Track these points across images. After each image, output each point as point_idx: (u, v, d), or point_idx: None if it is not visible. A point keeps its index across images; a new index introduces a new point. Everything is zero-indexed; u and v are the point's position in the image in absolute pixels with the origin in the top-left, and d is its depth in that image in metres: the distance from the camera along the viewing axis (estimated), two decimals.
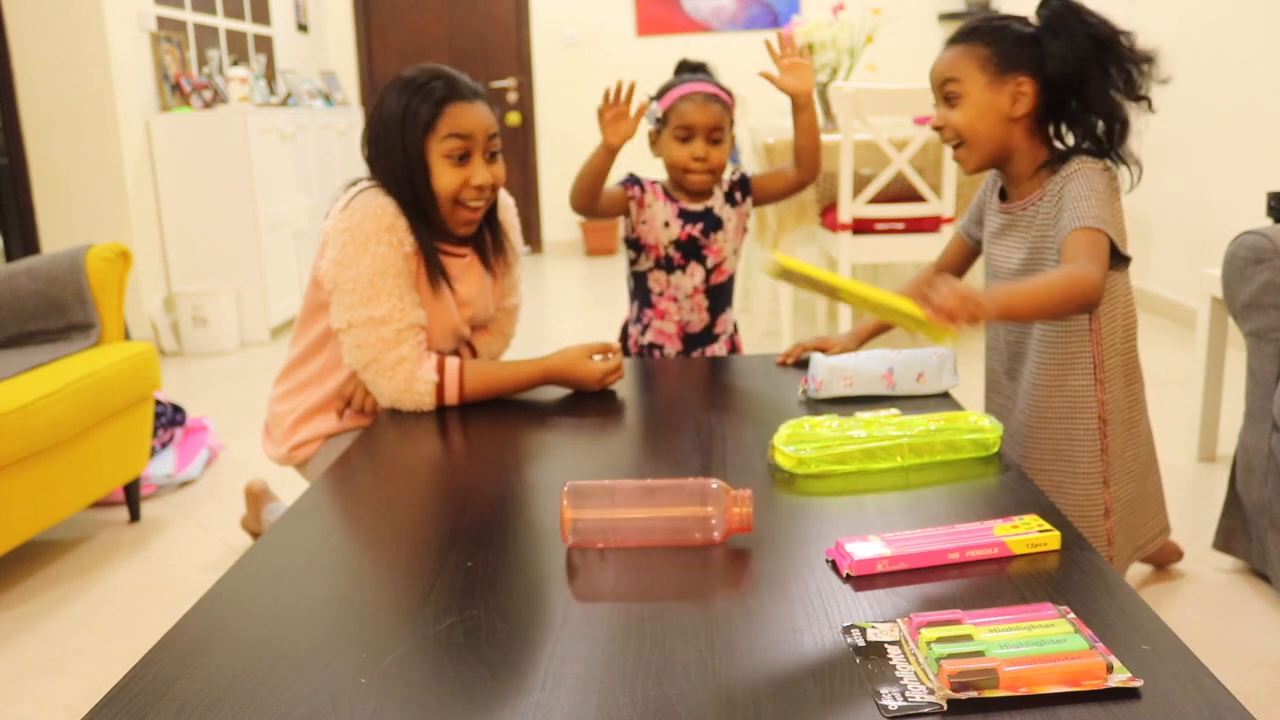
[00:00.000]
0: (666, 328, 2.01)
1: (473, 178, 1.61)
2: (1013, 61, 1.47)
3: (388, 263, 1.58)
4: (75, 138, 3.94)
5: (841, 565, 0.95)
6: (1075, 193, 1.43)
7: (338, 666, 0.81)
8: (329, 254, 1.61)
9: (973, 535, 0.98)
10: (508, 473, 1.30)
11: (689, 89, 1.89)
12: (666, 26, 6.35)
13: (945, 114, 1.52)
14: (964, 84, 1.49)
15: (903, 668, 0.77)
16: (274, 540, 1.09)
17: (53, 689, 1.72)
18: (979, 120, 1.49)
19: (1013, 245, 1.56)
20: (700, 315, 2.01)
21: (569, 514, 1.01)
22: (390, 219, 1.59)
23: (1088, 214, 1.40)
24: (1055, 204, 1.47)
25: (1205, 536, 2.07)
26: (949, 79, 1.50)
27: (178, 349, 4.23)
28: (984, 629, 0.79)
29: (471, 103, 1.61)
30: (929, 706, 0.72)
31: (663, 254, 1.96)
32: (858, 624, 0.84)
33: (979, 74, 1.48)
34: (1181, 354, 3.51)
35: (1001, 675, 0.73)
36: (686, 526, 1.01)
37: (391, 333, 1.57)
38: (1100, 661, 0.74)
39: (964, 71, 1.49)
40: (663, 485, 1.04)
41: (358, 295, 1.57)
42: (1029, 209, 1.53)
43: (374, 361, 1.58)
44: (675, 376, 1.75)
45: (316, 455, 1.78)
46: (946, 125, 1.52)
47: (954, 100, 1.50)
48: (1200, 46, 3.87)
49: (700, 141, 1.89)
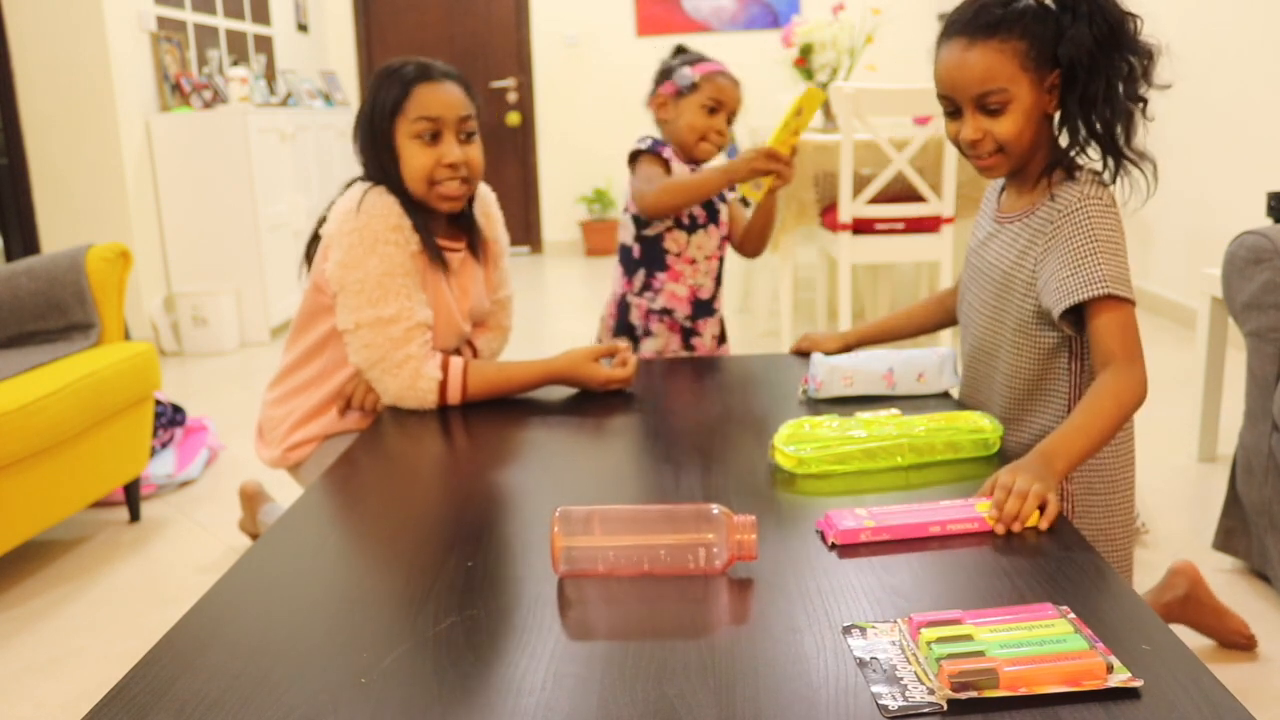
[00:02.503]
0: (679, 290, 2.04)
1: (444, 156, 1.61)
2: (1048, 50, 1.23)
3: (395, 262, 1.58)
4: (75, 138, 3.94)
5: (828, 535, 1.02)
6: (1075, 247, 1.23)
7: (338, 666, 0.81)
8: (334, 256, 1.60)
9: (954, 510, 1.04)
10: (508, 472, 1.30)
11: (721, 67, 2.01)
12: (666, 26, 6.35)
13: (986, 124, 1.27)
14: (1011, 89, 1.24)
15: (903, 668, 0.77)
16: (274, 540, 1.09)
17: (53, 689, 1.72)
18: (1028, 126, 1.26)
19: (993, 258, 1.39)
20: (710, 282, 2.07)
21: (560, 542, 0.94)
22: (396, 218, 1.59)
23: (1100, 276, 1.21)
24: (1048, 236, 1.28)
25: (1205, 536, 2.07)
26: (993, 90, 1.24)
27: (178, 349, 4.23)
28: (984, 629, 0.79)
29: (440, 83, 1.62)
30: (929, 706, 0.72)
31: (686, 212, 2.01)
32: (858, 624, 0.84)
33: (1022, 74, 1.24)
34: (1181, 354, 3.51)
35: (1002, 675, 0.73)
36: (686, 555, 0.94)
37: (400, 331, 1.58)
38: (1100, 661, 0.74)
39: (1007, 75, 1.24)
40: (660, 510, 0.98)
41: (365, 296, 1.58)
42: (1016, 223, 1.34)
43: (381, 360, 1.58)
44: (675, 376, 1.75)
45: (311, 458, 1.78)
46: (985, 138, 1.28)
47: (1000, 110, 1.25)
48: (1200, 46, 3.87)
49: (723, 117, 2.00)
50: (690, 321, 2.05)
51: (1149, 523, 2.18)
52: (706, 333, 2.07)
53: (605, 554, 0.95)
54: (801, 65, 3.93)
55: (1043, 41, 1.23)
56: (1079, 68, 1.22)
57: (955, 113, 1.31)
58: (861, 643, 0.81)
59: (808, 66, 3.92)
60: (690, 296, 2.04)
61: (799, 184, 3.41)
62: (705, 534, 0.94)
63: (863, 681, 0.76)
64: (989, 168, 1.32)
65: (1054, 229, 1.27)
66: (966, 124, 1.29)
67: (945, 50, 1.29)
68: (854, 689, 0.75)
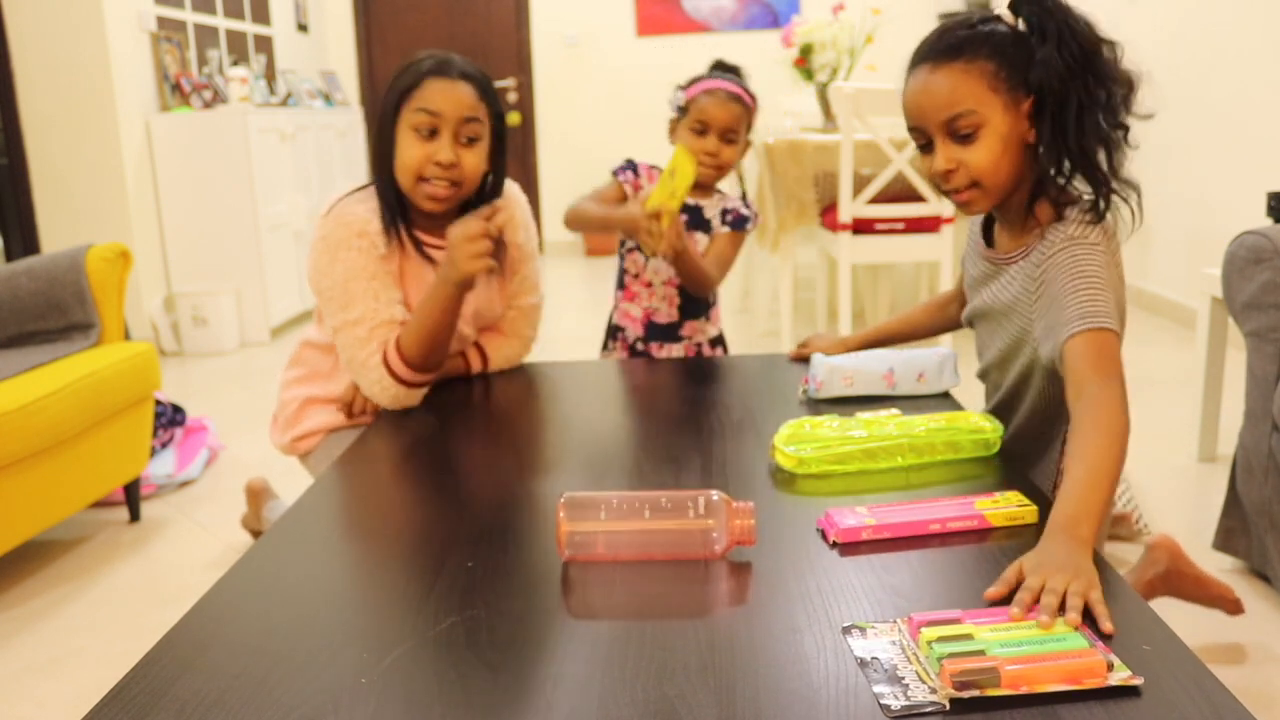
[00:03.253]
0: (633, 310, 2.03)
1: (436, 154, 1.57)
2: (1019, 74, 1.18)
3: (359, 266, 1.57)
4: (75, 138, 3.94)
5: (829, 533, 1.02)
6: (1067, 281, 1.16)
7: (338, 666, 0.81)
8: (308, 263, 1.62)
9: (954, 507, 1.04)
10: (508, 472, 1.30)
11: (714, 85, 1.93)
12: (666, 26, 6.35)
13: (958, 153, 1.20)
14: (981, 112, 1.18)
15: (904, 667, 0.77)
16: (274, 540, 1.09)
17: (53, 689, 1.72)
18: (1005, 154, 1.20)
19: (992, 298, 1.33)
20: (669, 309, 2.02)
21: (565, 526, 0.97)
22: (360, 225, 1.58)
23: (1086, 311, 1.13)
24: (1038, 282, 1.22)
25: (1205, 536, 2.07)
26: (961, 113, 1.18)
27: (178, 349, 4.22)
28: (984, 628, 0.80)
29: (453, 81, 1.58)
30: (931, 705, 0.72)
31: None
32: (858, 624, 0.85)
33: (992, 95, 1.18)
34: (1181, 354, 3.51)
35: (1003, 674, 0.73)
36: (687, 540, 0.98)
37: (365, 331, 1.57)
38: (1101, 660, 0.75)
39: (975, 96, 1.18)
40: (662, 497, 1.00)
41: (336, 301, 1.58)
42: (1014, 265, 1.28)
43: (351, 360, 1.59)
44: (675, 376, 1.75)
45: (319, 448, 1.78)
46: (959, 168, 1.21)
47: (971, 136, 1.19)
48: (1200, 46, 3.87)
49: (714, 138, 1.92)
50: (643, 344, 2.03)
51: (1150, 523, 2.18)
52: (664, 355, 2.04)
53: (608, 539, 0.98)
54: (801, 65, 3.93)
55: (1013, 64, 1.17)
56: (1049, 92, 1.16)
57: (927, 145, 1.24)
58: (862, 643, 0.81)
59: (808, 66, 3.92)
60: (644, 319, 2.03)
61: (799, 184, 3.41)
62: (706, 519, 0.98)
63: (863, 681, 0.76)
64: (967, 203, 1.24)
65: (1043, 274, 1.21)
66: (938, 154, 1.22)
67: (911, 79, 1.24)
68: (854, 689, 0.75)
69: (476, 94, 1.60)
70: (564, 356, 2.05)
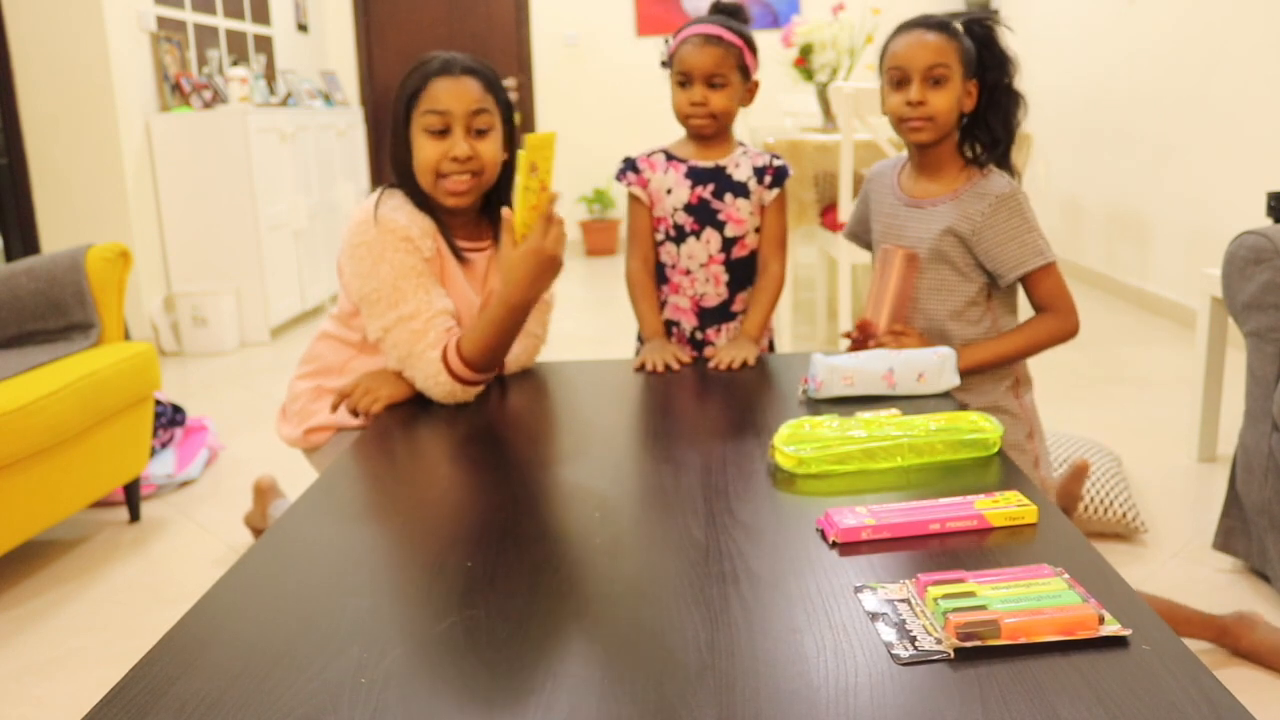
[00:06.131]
0: (681, 302, 1.94)
1: (451, 150, 1.59)
2: (972, 64, 1.66)
3: (406, 265, 1.58)
4: (75, 138, 3.94)
5: (829, 533, 1.02)
6: (1014, 225, 1.65)
7: (338, 666, 0.81)
8: (347, 269, 1.62)
9: (954, 508, 1.05)
10: (508, 472, 1.30)
11: (691, 31, 1.82)
12: (666, 26, 6.35)
13: (930, 93, 1.63)
14: (951, 70, 1.63)
15: (911, 621, 0.84)
16: (274, 540, 1.09)
17: (53, 689, 1.72)
18: (954, 109, 1.65)
19: (913, 239, 1.72)
20: (717, 288, 1.91)
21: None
22: (404, 231, 1.58)
23: (1040, 249, 1.65)
24: (982, 214, 1.65)
25: (1205, 536, 2.07)
26: (941, 63, 1.63)
27: (178, 349, 4.23)
28: (986, 586, 0.86)
29: (457, 78, 1.60)
30: (938, 654, 0.79)
31: (670, 224, 1.90)
32: (869, 584, 0.91)
33: (959, 65, 1.64)
34: (1181, 354, 3.51)
35: (1003, 626, 0.79)
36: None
37: (421, 324, 1.58)
38: (1093, 614, 0.81)
39: (950, 59, 1.63)
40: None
41: (385, 301, 1.59)
42: (940, 205, 1.70)
43: (408, 355, 1.59)
44: (675, 376, 1.75)
45: (327, 445, 1.79)
46: (927, 103, 1.63)
47: (940, 83, 1.63)
48: (1200, 46, 3.87)
49: (699, 86, 1.81)
50: (700, 332, 1.95)
51: (1147, 522, 2.18)
52: (723, 339, 1.95)
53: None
54: (801, 65, 3.93)
55: (969, 55, 1.65)
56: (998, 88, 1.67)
57: (902, 83, 1.65)
58: (872, 598, 0.89)
59: (807, 66, 3.92)
60: (693, 307, 1.93)
61: (799, 184, 3.41)
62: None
63: (863, 683, 0.76)
64: (917, 129, 1.66)
65: (991, 209, 1.65)
66: (914, 89, 1.63)
67: (905, 36, 1.66)
68: (854, 689, 0.75)
69: (482, 86, 1.62)
70: (564, 356, 2.05)
